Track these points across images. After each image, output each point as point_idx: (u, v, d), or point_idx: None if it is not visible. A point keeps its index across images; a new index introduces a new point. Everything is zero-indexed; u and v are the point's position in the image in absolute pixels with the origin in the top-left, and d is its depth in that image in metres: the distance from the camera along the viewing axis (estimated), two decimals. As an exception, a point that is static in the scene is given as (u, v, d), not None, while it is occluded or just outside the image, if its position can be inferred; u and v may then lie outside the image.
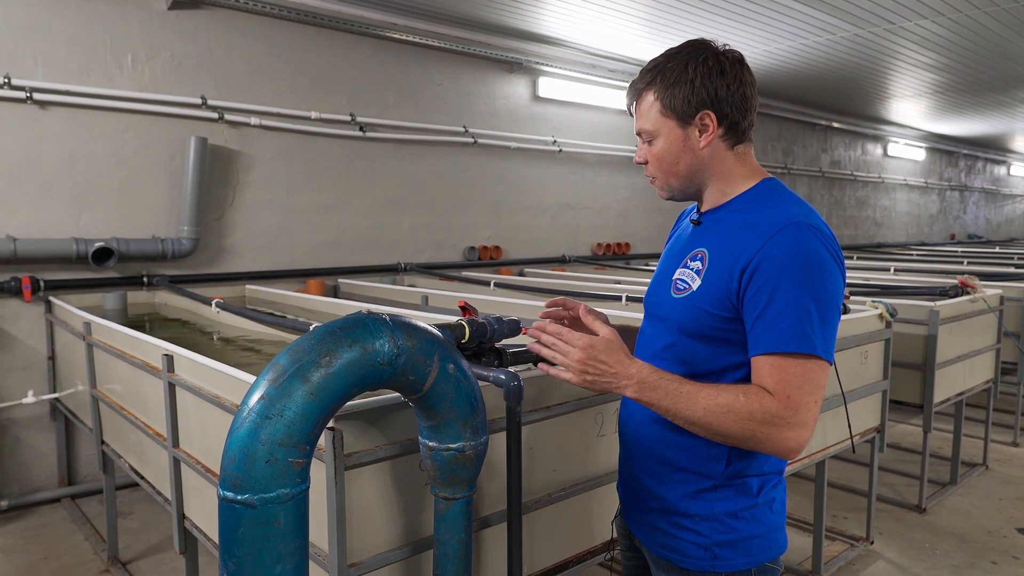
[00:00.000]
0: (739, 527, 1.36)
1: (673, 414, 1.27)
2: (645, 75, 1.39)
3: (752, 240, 1.28)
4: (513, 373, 1.61)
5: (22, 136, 4.05)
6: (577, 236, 7.15)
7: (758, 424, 1.22)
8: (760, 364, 1.26)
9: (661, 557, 1.43)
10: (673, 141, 1.37)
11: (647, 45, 6.40)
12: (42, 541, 3.60)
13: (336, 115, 5.30)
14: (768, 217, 1.30)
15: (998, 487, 4.28)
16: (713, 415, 1.23)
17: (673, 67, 1.35)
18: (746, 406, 1.22)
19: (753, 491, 1.37)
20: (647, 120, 1.39)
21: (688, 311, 1.34)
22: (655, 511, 1.43)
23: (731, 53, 1.37)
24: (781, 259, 1.24)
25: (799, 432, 1.22)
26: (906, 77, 7.93)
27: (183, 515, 2.33)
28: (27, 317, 4.11)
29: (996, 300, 4.12)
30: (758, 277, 1.25)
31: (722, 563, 1.36)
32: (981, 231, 15.54)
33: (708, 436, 1.27)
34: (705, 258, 1.35)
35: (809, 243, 1.25)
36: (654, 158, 1.40)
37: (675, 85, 1.34)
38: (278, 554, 1.19)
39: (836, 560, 3.33)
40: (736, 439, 1.25)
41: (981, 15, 5.59)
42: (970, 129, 11.99)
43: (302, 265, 5.22)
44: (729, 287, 1.29)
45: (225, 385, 1.95)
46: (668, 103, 1.35)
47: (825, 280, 1.24)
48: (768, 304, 1.23)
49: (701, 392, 1.25)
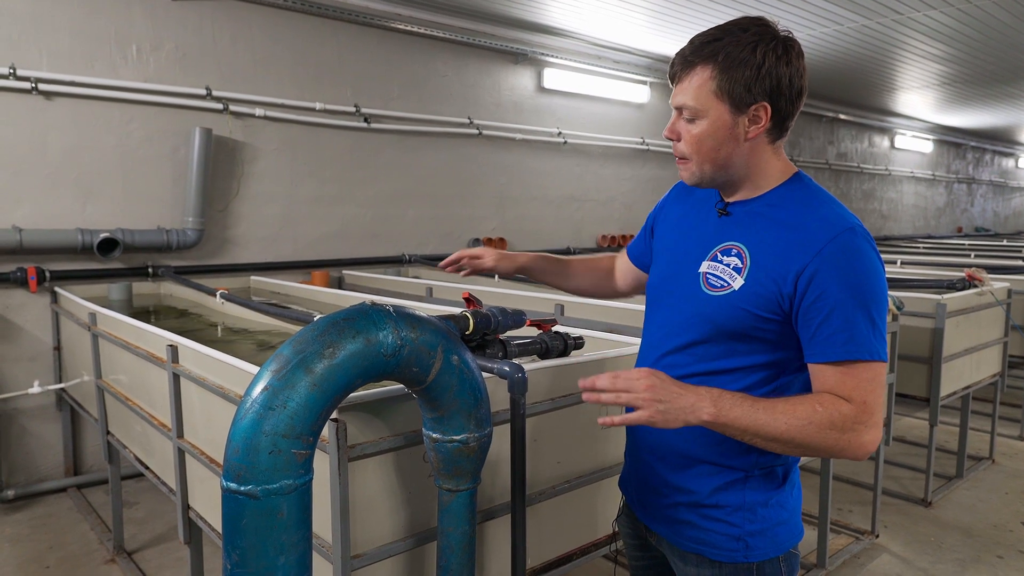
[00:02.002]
0: (768, 515, 1.35)
1: (753, 433, 1.20)
2: (703, 47, 1.26)
3: (804, 245, 1.23)
4: (517, 365, 1.60)
5: (27, 127, 4.05)
6: (582, 228, 7.13)
7: (839, 432, 1.19)
8: (827, 371, 1.23)
9: (690, 551, 1.40)
10: (720, 126, 1.26)
11: (653, 36, 6.36)
12: (48, 530, 3.62)
13: (341, 106, 5.28)
14: (817, 220, 1.25)
15: (1004, 481, 4.27)
16: (796, 429, 1.19)
17: (738, 46, 1.23)
18: (826, 415, 1.19)
19: (780, 479, 1.37)
20: (695, 97, 1.26)
21: (729, 310, 1.29)
22: (682, 505, 1.39)
23: (794, 40, 1.27)
24: (841, 267, 1.20)
25: (875, 433, 1.22)
26: (914, 68, 7.86)
27: (187, 505, 2.34)
28: (33, 307, 4.12)
29: (1004, 293, 4.10)
30: (816, 284, 1.21)
31: (754, 552, 1.35)
32: (988, 224, 15.45)
33: (786, 451, 1.24)
34: (744, 256, 1.29)
35: (864, 250, 1.22)
36: (693, 139, 1.29)
37: (738, 67, 1.22)
38: (281, 545, 1.18)
39: (841, 553, 3.32)
40: (816, 450, 1.22)
41: (990, 5, 5.54)
42: (978, 121, 11.90)
43: (306, 256, 5.22)
44: (781, 291, 1.24)
45: (229, 376, 1.94)
46: (726, 86, 1.23)
47: (880, 283, 1.24)
48: (831, 312, 1.20)
49: (777, 406, 1.20)
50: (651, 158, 7.64)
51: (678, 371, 1.34)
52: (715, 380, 1.31)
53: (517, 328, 1.72)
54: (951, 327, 3.60)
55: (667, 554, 1.47)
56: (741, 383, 1.31)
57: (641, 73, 7.22)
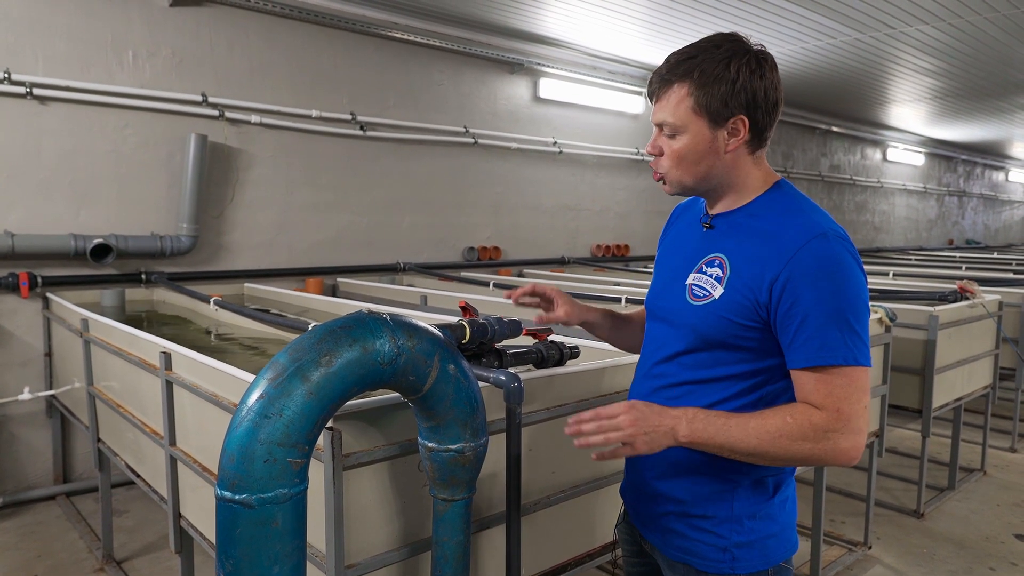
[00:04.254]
0: (757, 527, 1.35)
1: (729, 449, 1.23)
2: (678, 65, 1.29)
3: (778, 252, 1.25)
4: (513, 374, 1.60)
5: (21, 131, 4.03)
6: (576, 237, 7.15)
7: (812, 443, 1.20)
8: (804, 378, 1.24)
9: (677, 560, 1.40)
10: (700, 141, 1.30)
11: (648, 47, 6.40)
12: (37, 539, 3.58)
13: (337, 114, 5.29)
14: (792, 228, 1.26)
15: (996, 493, 4.28)
16: (768, 442, 1.21)
17: (712, 63, 1.27)
18: (796, 427, 1.20)
19: (770, 491, 1.37)
20: (673, 114, 1.30)
21: (710, 319, 1.31)
22: (671, 514, 1.40)
23: (767, 54, 1.31)
24: (812, 272, 1.21)
25: (854, 439, 1.22)
26: (906, 82, 7.93)
27: (179, 514, 2.32)
28: (24, 313, 4.09)
29: (995, 305, 4.12)
30: (790, 291, 1.22)
31: (741, 564, 1.35)
32: (979, 237, 15.56)
33: (768, 463, 1.25)
34: (725, 265, 1.32)
35: (837, 253, 1.23)
36: (674, 155, 1.33)
37: (714, 83, 1.26)
38: (276, 555, 1.18)
39: (834, 565, 3.32)
40: (797, 460, 1.23)
41: (981, 21, 5.59)
42: (969, 135, 12.00)
43: (301, 264, 5.21)
44: (757, 299, 1.26)
45: (223, 383, 1.93)
46: (703, 101, 1.27)
47: (856, 287, 1.24)
48: (805, 318, 1.22)
49: (750, 422, 1.22)
50: (646, 168, 7.67)
51: (667, 380, 1.39)
52: (703, 388, 1.34)
53: (513, 337, 1.72)
54: (943, 339, 3.61)
55: (658, 561, 1.48)
56: (728, 391, 1.32)
57: (636, 84, 7.25)
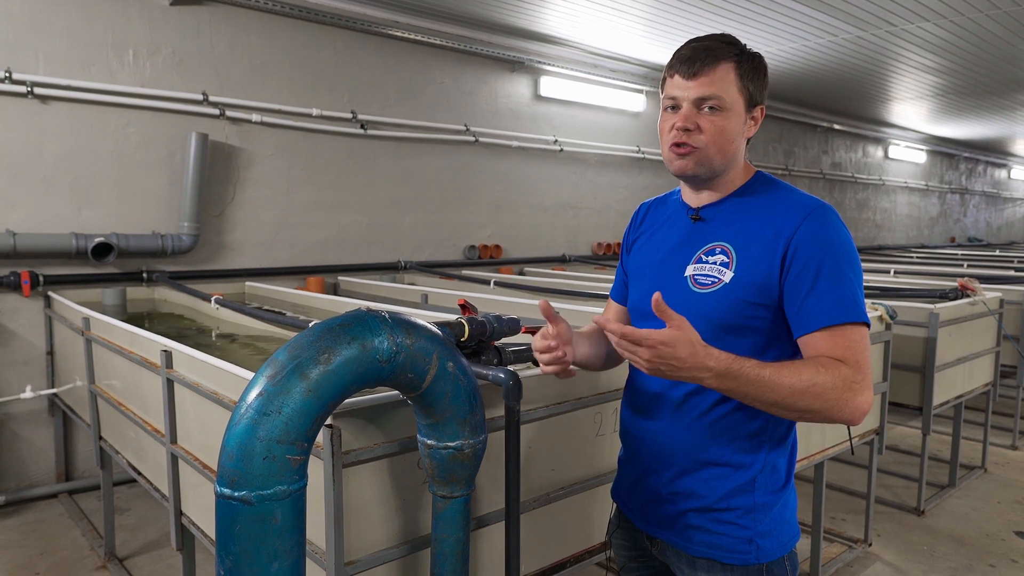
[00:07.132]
0: (775, 515, 1.39)
1: (753, 398, 1.23)
2: (724, 46, 1.34)
3: (785, 222, 1.31)
4: (512, 372, 1.60)
5: (22, 130, 4.04)
6: (578, 236, 7.15)
7: (840, 392, 1.22)
8: (817, 339, 1.27)
9: (702, 556, 1.40)
10: (738, 121, 1.36)
11: (649, 45, 6.39)
12: (39, 536, 3.60)
13: (337, 112, 5.29)
14: (790, 202, 1.34)
15: (997, 490, 4.28)
16: (799, 393, 1.21)
17: (750, 53, 1.36)
18: (829, 377, 1.22)
19: (783, 479, 1.40)
20: (723, 88, 1.32)
21: (724, 302, 1.32)
22: (691, 511, 1.40)
23: None
24: (822, 238, 1.28)
25: (869, 395, 1.25)
26: (907, 79, 7.92)
27: (180, 512, 2.33)
28: (26, 312, 4.10)
29: (996, 303, 4.12)
30: (801, 256, 1.28)
31: (764, 553, 1.38)
32: (981, 234, 15.53)
33: (784, 414, 1.26)
34: (729, 251, 1.35)
35: (837, 223, 1.32)
36: (717, 129, 1.33)
37: (755, 71, 1.36)
38: (275, 551, 1.18)
39: (834, 562, 3.32)
40: (815, 412, 1.23)
41: (983, 18, 5.58)
42: (971, 132, 11.98)
43: (302, 262, 5.21)
44: (771, 269, 1.30)
45: (224, 381, 1.94)
46: (747, 84, 1.35)
47: (854, 252, 1.32)
48: (817, 280, 1.27)
49: (782, 372, 1.22)
50: (647, 166, 7.67)
51: None
52: None
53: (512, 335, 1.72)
54: (944, 336, 3.61)
55: (672, 562, 1.47)
56: None
57: (637, 82, 7.25)
